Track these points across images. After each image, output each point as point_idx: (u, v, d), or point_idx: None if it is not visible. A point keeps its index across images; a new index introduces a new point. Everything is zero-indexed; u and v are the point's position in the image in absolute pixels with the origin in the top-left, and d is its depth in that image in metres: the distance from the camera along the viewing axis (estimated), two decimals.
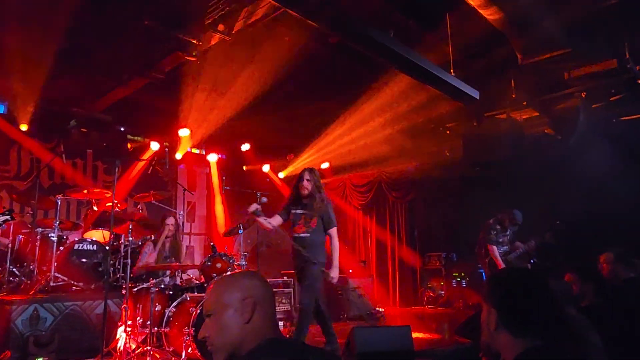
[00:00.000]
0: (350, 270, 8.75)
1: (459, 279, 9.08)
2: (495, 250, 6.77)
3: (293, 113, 8.02)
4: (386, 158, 10.19)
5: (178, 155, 9.30)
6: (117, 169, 4.86)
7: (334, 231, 4.58)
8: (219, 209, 10.15)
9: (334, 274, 4.45)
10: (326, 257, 4.55)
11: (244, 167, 10.68)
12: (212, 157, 10.09)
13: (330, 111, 7.99)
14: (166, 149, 6.74)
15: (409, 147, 9.06)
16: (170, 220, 5.97)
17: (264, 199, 4.63)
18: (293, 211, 4.57)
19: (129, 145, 8.66)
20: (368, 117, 7.80)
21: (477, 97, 5.84)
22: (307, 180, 4.57)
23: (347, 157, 9.73)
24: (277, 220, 4.64)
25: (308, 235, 4.49)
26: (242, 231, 5.91)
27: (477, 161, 7.66)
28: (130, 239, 5.44)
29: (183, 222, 7.12)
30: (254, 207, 4.50)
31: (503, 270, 3.55)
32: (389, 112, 7.66)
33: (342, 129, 8.41)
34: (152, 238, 6.04)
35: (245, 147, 9.88)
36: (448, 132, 8.66)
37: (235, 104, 7.35)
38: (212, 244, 5.65)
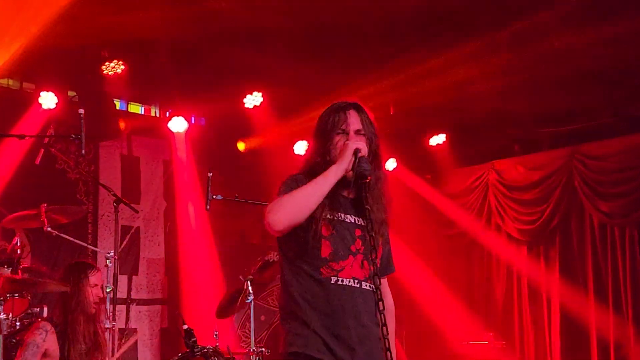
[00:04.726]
0: None
1: None
2: None
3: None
4: (584, 117, 10.24)
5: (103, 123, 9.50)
6: None
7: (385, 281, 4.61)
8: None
9: None
10: None
11: (241, 146, 11.16)
12: (179, 125, 10.40)
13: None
14: (81, 113, 6.38)
15: None
16: (98, 279, 6.36)
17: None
18: (330, 217, 4.37)
19: None
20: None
21: None
22: (359, 126, 4.45)
23: (485, 115, 10.16)
24: None
25: (370, 287, 4.38)
26: (251, 298, 6.17)
27: None
28: (2, 315, 5.60)
29: (115, 274, 7.28)
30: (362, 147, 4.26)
31: None
32: None
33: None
34: (46, 315, 6.45)
35: (254, 100, 10.13)
36: None
37: None
38: (185, 326, 5.92)
